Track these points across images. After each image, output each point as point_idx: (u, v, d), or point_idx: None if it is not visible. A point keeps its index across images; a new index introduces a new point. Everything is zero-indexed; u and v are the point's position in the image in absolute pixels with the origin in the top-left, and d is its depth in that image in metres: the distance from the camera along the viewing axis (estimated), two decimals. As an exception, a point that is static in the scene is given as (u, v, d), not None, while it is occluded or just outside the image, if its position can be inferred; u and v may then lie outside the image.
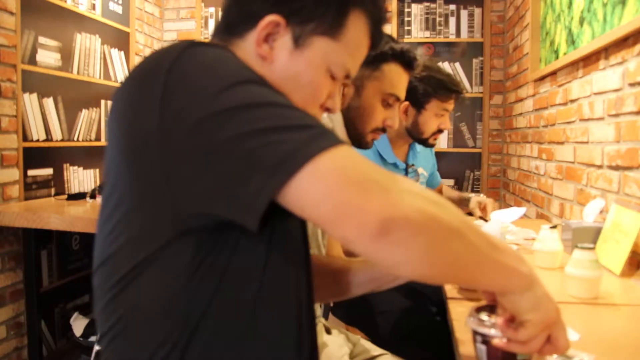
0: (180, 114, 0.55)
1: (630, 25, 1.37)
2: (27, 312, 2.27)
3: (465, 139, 3.52)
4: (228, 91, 0.55)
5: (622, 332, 0.88)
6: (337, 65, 0.70)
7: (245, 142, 0.52)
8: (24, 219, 2.02)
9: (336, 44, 0.69)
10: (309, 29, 0.68)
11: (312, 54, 0.68)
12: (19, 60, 2.24)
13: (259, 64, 0.68)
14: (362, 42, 0.73)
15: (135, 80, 0.61)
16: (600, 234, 1.33)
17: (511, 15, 3.19)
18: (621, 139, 1.48)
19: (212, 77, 0.56)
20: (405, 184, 0.52)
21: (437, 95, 1.77)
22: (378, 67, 1.22)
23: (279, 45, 0.68)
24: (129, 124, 0.59)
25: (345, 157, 0.52)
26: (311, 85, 0.70)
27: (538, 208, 2.43)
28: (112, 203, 0.62)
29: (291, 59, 0.68)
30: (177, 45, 0.61)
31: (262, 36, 0.67)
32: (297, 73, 0.69)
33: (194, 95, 0.55)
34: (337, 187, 0.49)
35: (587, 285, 1.02)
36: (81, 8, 2.70)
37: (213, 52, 0.60)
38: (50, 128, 2.48)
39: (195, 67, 0.57)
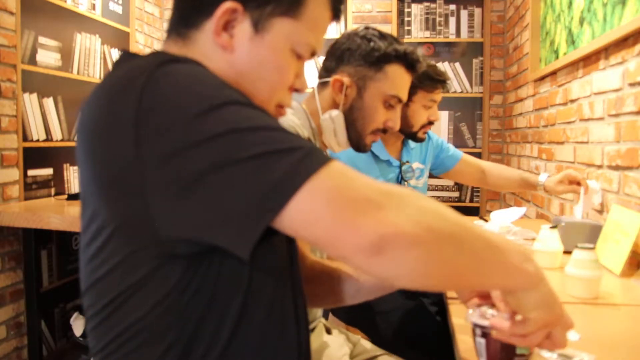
0: (158, 143, 0.52)
1: (630, 25, 1.37)
2: (27, 312, 2.27)
3: (465, 139, 3.52)
4: (207, 116, 0.52)
5: (622, 332, 0.88)
6: (301, 45, 0.68)
7: (232, 171, 0.50)
8: (24, 219, 2.02)
9: (297, 22, 0.67)
10: (267, 11, 0.65)
11: (274, 37, 0.66)
12: (19, 60, 2.24)
13: (219, 54, 0.65)
14: (323, 16, 0.70)
15: (104, 103, 0.57)
16: (600, 233, 1.33)
17: (511, 15, 3.19)
18: (621, 139, 1.48)
19: (188, 101, 0.53)
20: (399, 197, 0.51)
21: (422, 86, 1.75)
22: (381, 69, 1.22)
23: (239, 33, 0.65)
24: (101, 153, 0.57)
25: (335, 177, 0.51)
26: (277, 69, 0.68)
27: (538, 208, 2.43)
28: (92, 229, 0.61)
29: (253, 46, 0.65)
30: (147, 63, 0.57)
31: (220, 25, 0.64)
32: (261, 59, 0.66)
33: (171, 122, 0.52)
34: (329, 209, 0.49)
35: (587, 285, 1.02)
36: (81, 8, 2.70)
37: (186, 70, 0.57)
38: (50, 128, 2.48)
39: (169, 90, 0.54)
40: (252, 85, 0.66)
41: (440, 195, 3.48)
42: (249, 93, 0.65)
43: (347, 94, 1.21)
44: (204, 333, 0.60)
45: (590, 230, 1.38)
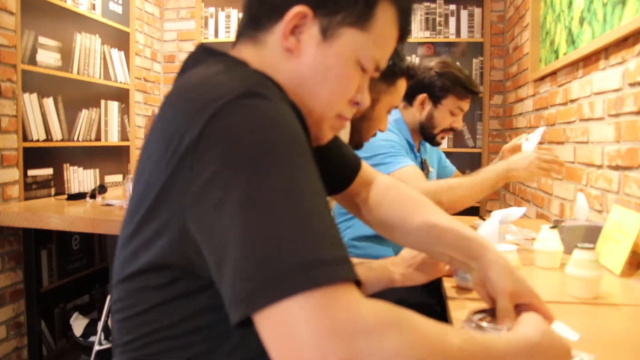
0: (199, 179, 0.50)
1: (630, 25, 1.37)
2: (27, 312, 2.27)
3: (465, 139, 3.52)
4: (261, 174, 0.49)
5: (622, 332, 0.88)
6: (367, 58, 0.68)
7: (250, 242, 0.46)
8: (24, 219, 2.02)
9: (365, 35, 0.67)
10: (337, 20, 0.65)
11: (341, 46, 0.66)
12: (19, 60, 2.24)
13: (285, 57, 0.66)
14: (390, 34, 0.71)
15: (177, 110, 0.56)
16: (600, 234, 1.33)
17: (511, 15, 3.19)
18: (621, 139, 1.48)
19: (252, 152, 0.50)
20: (391, 337, 0.44)
21: (454, 91, 1.80)
22: (393, 83, 1.32)
23: (306, 38, 0.65)
24: (160, 154, 0.55)
25: (331, 302, 0.44)
26: (340, 78, 0.67)
27: (538, 208, 2.43)
28: (135, 221, 0.59)
29: (319, 52, 0.66)
30: (229, 88, 0.54)
31: (289, 29, 0.65)
32: (325, 66, 0.66)
33: (221, 163, 0.49)
34: (303, 333, 0.43)
35: (587, 285, 1.02)
36: (81, 8, 2.70)
37: (261, 112, 0.53)
38: (50, 128, 2.48)
39: (235, 133, 0.51)
40: (313, 91, 0.67)
41: (440, 195, 3.48)
42: (310, 98, 0.67)
43: None
44: (224, 352, 0.60)
45: (590, 231, 1.38)
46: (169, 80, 3.76)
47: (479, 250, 0.79)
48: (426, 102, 1.84)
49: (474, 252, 0.80)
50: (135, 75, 3.29)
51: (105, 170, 2.94)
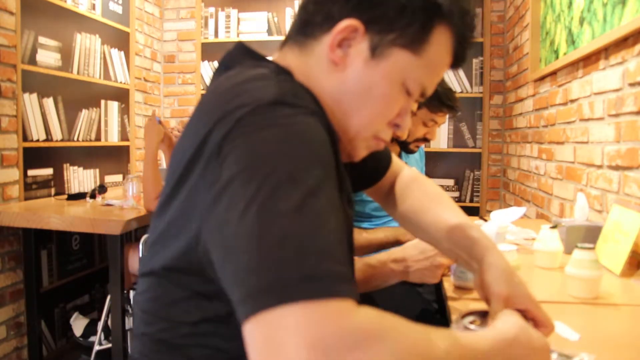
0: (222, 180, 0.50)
1: (630, 25, 1.37)
2: (27, 312, 2.27)
3: (465, 139, 3.52)
4: (277, 183, 0.48)
5: (622, 332, 0.88)
6: (414, 82, 0.66)
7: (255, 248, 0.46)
8: (24, 219, 2.02)
9: (416, 58, 0.64)
10: (388, 39, 0.63)
11: (389, 67, 0.63)
12: (19, 60, 2.24)
13: (330, 70, 0.64)
14: (443, 60, 0.68)
15: (209, 111, 0.56)
16: (600, 234, 1.33)
17: (511, 15, 3.19)
18: (621, 139, 1.48)
19: (270, 161, 0.49)
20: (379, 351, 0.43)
21: (428, 104, 1.77)
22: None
23: (354, 52, 0.63)
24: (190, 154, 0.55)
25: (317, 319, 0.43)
26: (383, 99, 0.65)
27: (538, 208, 2.43)
28: (162, 216, 0.60)
29: (365, 69, 0.64)
30: (262, 92, 0.54)
31: (337, 40, 0.63)
32: (369, 84, 0.64)
33: (240, 169, 0.49)
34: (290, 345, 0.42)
35: (587, 285, 1.02)
36: (81, 8, 2.70)
37: (292, 124, 0.52)
38: (50, 128, 2.48)
39: (257, 140, 0.50)
40: (353, 108, 0.65)
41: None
42: (349, 114, 0.65)
43: None
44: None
45: (590, 231, 1.38)
46: (169, 80, 3.77)
47: (481, 252, 0.79)
48: None
49: (476, 253, 0.80)
50: (135, 75, 3.29)
51: (105, 170, 2.94)
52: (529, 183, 2.63)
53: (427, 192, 0.93)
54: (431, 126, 1.83)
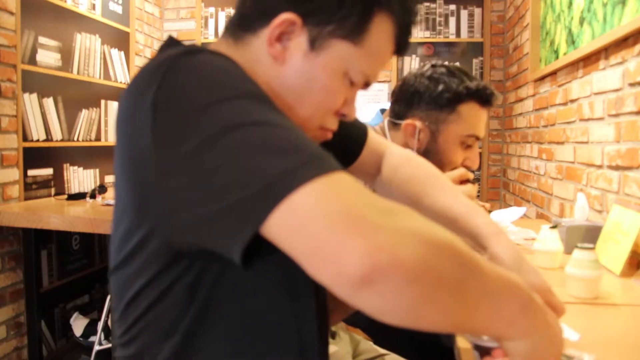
0: (169, 132, 0.51)
1: (630, 25, 1.37)
2: (27, 312, 2.27)
3: (465, 139, 3.52)
4: (220, 106, 0.50)
5: (622, 332, 0.88)
6: (357, 72, 0.65)
7: (230, 168, 0.47)
8: (24, 219, 2.02)
9: (357, 49, 0.64)
10: (327, 30, 0.63)
11: (329, 58, 0.63)
12: (19, 60, 2.24)
13: (269, 63, 0.64)
14: (385, 48, 0.67)
15: (131, 93, 0.56)
16: (600, 234, 1.33)
17: (511, 15, 3.19)
18: (621, 139, 1.48)
19: (203, 91, 0.51)
20: (404, 218, 0.45)
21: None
22: (454, 110, 1.16)
23: (293, 46, 0.63)
24: (127, 139, 0.56)
25: (333, 188, 0.44)
26: (325, 90, 0.65)
27: (538, 208, 2.43)
28: (118, 215, 0.61)
29: (305, 62, 0.63)
30: (172, 53, 0.55)
31: (275, 35, 0.63)
32: (310, 77, 0.64)
33: (183, 112, 0.51)
34: (316, 223, 0.42)
35: (587, 285, 1.02)
36: (81, 8, 2.70)
37: (210, 61, 0.55)
38: (50, 128, 2.48)
39: (185, 80, 0.52)
40: (295, 101, 0.65)
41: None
42: (291, 108, 0.64)
43: (420, 138, 1.17)
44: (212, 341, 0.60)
45: (590, 231, 1.38)
46: (169, 80, 3.76)
47: (487, 238, 0.77)
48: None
49: (482, 239, 0.78)
50: (135, 75, 3.29)
51: (105, 170, 2.95)
52: (529, 183, 2.63)
53: (420, 174, 0.89)
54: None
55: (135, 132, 0.54)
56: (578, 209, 1.51)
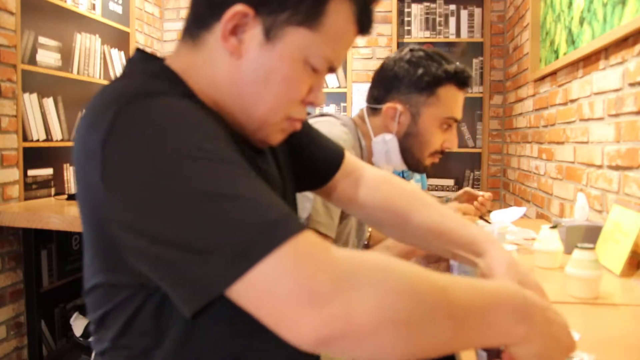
0: (115, 186, 0.50)
1: (630, 25, 1.37)
2: (27, 312, 2.27)
3: (465, 139, 3.52)
4: (171, 167, 0.48)
5: (622, 332, 0.88)
6: (318, 58, 0.63)
7: (187, 236, 0.46)
8: (24, 219, 2.02)
9: (314, 34, 0.61)
10: (281, 19, 0.60)
11: (286, 47, 0.61)
12: (19, 60, 2.24)
13: (226, 59, 0.62)
14: (346, 30, 0.64)
15: (82, 133, 0.54)
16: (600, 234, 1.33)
17: (511, 15, 3.19)
18: (621, 139, 1.48)
19: (153, 148, 0.49)
20: (362, 275, 0.44)
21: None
22: (433, 93, 1.19)
23: (249, 38, 0.60)
24: (82, 176, 0.55)
25: (290, 260, 0.44)
26: (286, 81, 0.62)
27: (538, 208, 2.43)
28: (85, 241, 0.61)
29: (262, 54, 0.61)
30: (125, 92, 0.53)
31: (229, 29, 0.60)
32: (269, 69, 0.61)
33: (134, 168, 0.49)
34: (273, 300, 0.43)
35: (587, 285, 1.02)
36: (81, 8, 2.70)
37: (162, 110, 0.52)
38: (50, 128, 2.48)
39: (133, 135, 0.50)
40: (257, 94, 0.63)
41: (440, 194, 3.48)
42: (253, 102, 0.63)
43: (401, 121, 1.19)
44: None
45: (590, 231, 1.38)
46: (169, 80, 3.77)
47: (483, 246, 0.78)
48: None
49: (476, 248, 0.78)
50: (135, 75, 3.29)
51: (105, 170, 2.94)
52: (529, 183, 2.63)
53: (403, 193, 0.88)
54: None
55: (88, 174, 0.53)
56: (578, 209, 1.51)
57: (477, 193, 1.76)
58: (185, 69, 0.64)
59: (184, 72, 0.64)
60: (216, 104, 0.64)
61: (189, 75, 0.64)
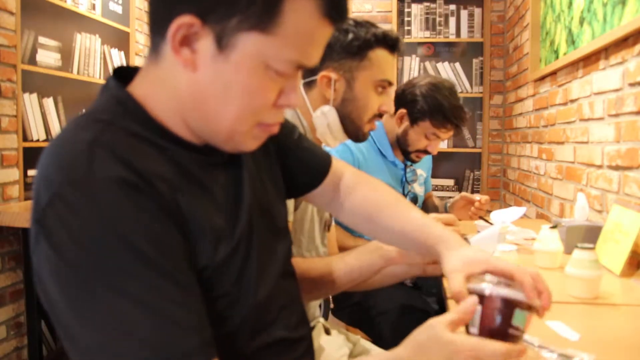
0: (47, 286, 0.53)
1: (630, 25, 1.37)
2: (27, 312, 2.26)
3: (465, 139, 3.52)
4: (82, 289, 0.50)
5: (622, 332, 0.88)
6: (280, 61, 0.58)
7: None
8: (24, 219, 2.02)
9: (270, 38, 0.56)
10: (231, 26, 0.55)
11: (241, 56, 0.56)
12: (19, 60, 2.24)
13: (182, 72, 0.58)
14: (312, 26, 0.58)
15: (38, 176, 0.56)
16: (600, 234, 1.33)
17: (511, 15, 3.19)
18: (621, 139, 1.48)
19: (70, 262, 0.51)
20: None
21: (432, 117, 1.74)
22: (365, 56, 1.20)
23: (201, 48, 0.56)
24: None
25: None
26: (247, 91, 0.58)
27: (538, 208, 2.43)
28: None
29: (216, 64, 0.56)
30: (58, 180, 0.53)
31: (178, 41, 0.56)
32: (225, 81, 0.57)
33: (52, 272, 0.52)
34: None
35: (587, 285, 1.02)
36: (81, 8, 2.70)
37: (98, 204, 0.52)
38: (50, 128, 2.48)
39: (56, 241, 0.51)
40: (218, 107, 0.59)
41: (440, 194, 3.48)
42: (215, 115, 0.59)
43: (337, 88, 1.20)
44: None
45: (590, 231, 1.38)
46: (169, 80, 3.76)
47: (443, 244, 0.76)
48: (404, 118, 1.80)
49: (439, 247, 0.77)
50: (135, 75, 3.29)
51: (105, 170, 2.94)
52: (529, 183, 2.63)
53: (375, 194, 0.89)
54: (433, 139, 1.80)
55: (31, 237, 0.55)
56: (578, 209, 1.51)
57: (473, 197, 1.77)
58: (148, 90, 0.62)
59: (147, 96, 0.61)
60: (183, 119, 0.61)
61: (152, 98, 0.61)
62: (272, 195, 0.76)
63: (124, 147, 0.55)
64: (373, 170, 1.75)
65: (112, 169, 0.53)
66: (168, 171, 0.58)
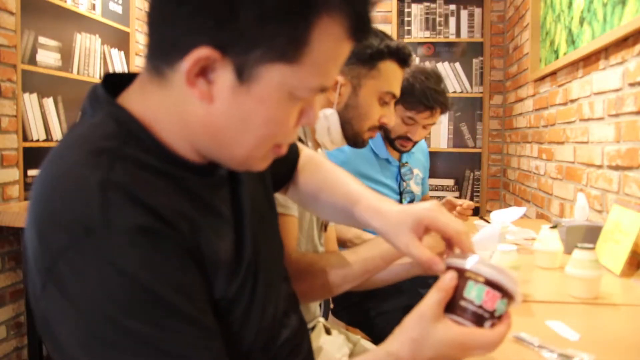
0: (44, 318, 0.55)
1: (630, 25, 1.37)
2: (27, 312, 2.27)
3: (465, 139, 3.52)
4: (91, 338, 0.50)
5: (622, 332, 0.88)
6: (304, 89, 0.55)
7: None
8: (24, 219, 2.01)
9: (296, 67, 0.53)
10: (254, 57, 0.51)
11: (265, 88, 0.53)
12: (19, 60, 2.24)
13: (196, 103, 0.54)
14: (335, 51, 0.56)
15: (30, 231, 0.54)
16: (600, 234, 1.33)
17: (511, 15, 3.19)
18: (621, 139, 1.48)
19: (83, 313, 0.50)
20: None
21: (403, 100, 1.71)
22: (374, 66, 1.20)
23: (219, 80, 0.52)
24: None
25: None
26: (267, 123, 0.55)
27: (538, 208, 2.43)
28: None
29: (236, 98, 0.53)
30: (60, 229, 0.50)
31: (194, 73, 0.52)
32: (245, 114, 0.54)
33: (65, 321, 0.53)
34: None
35: (587, 285, 1.02)
36: (81, 8, 2.70)
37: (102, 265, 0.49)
38: (50, 128, 2.48)
39: (69, 292, 0.50)
40: (235, 138, 0.56)
41: (440, 194, 3.48)
42: (228, 146, 0.57)
43: (342, 92, 1.20)
44: None
45: (590, 231, 1.38)
46: (169, 80, 3.76)
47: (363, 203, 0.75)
48: None
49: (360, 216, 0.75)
50: (135, 75, 3.29)
51: (105, 170, 2.94)
52: (529, 183, 2.63)
53: (317, 171, 0.87)
54: (411, 124, 1.77)
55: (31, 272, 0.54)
56: (578, 209, 1.51)
57: (456, 202, 1.77)
58: (152, 113, 0.58)
59: (152, 119, 0.57)
60: (191, 143, 0.58)
61: (156, 121, 0.57)
62: (262, 195, 0.76)
63: (139, 186, 0.52)
64: (366, 168, 1.75)
65: (130, 215, 0.50)
66: (184, 205, 0.56)
